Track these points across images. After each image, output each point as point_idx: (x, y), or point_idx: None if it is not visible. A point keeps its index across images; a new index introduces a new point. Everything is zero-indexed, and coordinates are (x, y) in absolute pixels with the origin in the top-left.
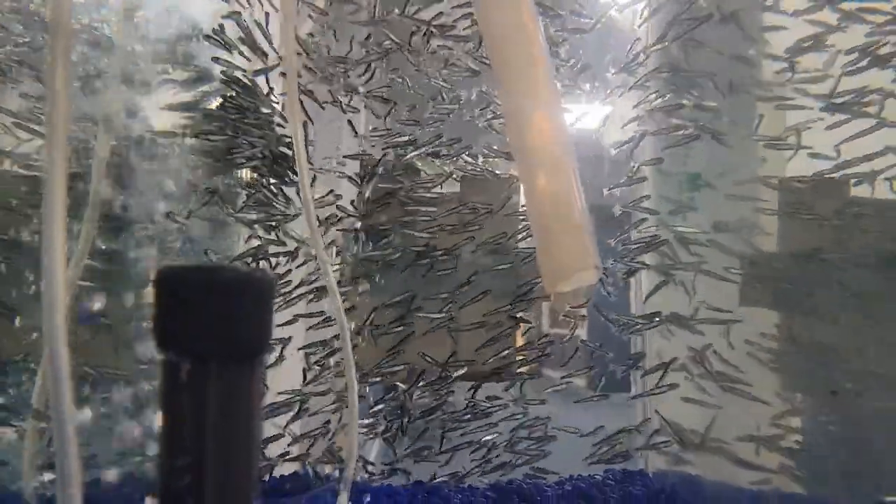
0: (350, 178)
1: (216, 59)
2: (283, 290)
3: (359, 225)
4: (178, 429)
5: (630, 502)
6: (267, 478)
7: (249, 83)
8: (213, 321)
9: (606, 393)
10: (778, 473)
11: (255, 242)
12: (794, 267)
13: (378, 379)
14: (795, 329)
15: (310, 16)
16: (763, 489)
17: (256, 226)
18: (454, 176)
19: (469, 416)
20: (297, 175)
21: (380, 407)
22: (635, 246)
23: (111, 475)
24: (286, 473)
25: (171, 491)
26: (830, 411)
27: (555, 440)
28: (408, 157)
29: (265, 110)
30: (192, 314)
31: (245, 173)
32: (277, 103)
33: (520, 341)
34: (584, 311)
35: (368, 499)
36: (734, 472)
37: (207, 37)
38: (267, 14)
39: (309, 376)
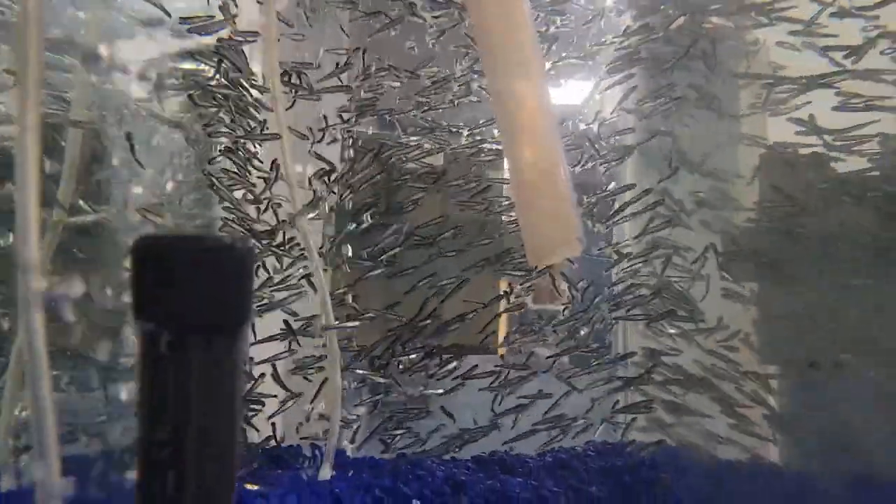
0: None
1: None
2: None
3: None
4: (157, 400)
5: (611, 473)
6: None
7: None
8: (193, 291)
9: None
10: (754, 443)
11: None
12: (773, 241)
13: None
14: (774, 302)
15: None
16: (740, 460)
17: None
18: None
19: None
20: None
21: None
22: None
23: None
24: (269, 446)
25: (151, 463)
26: (809, 383)
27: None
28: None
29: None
30: (172, 284)
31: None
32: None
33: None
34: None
35: (352, 472)
36: (713, 443)
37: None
38: None
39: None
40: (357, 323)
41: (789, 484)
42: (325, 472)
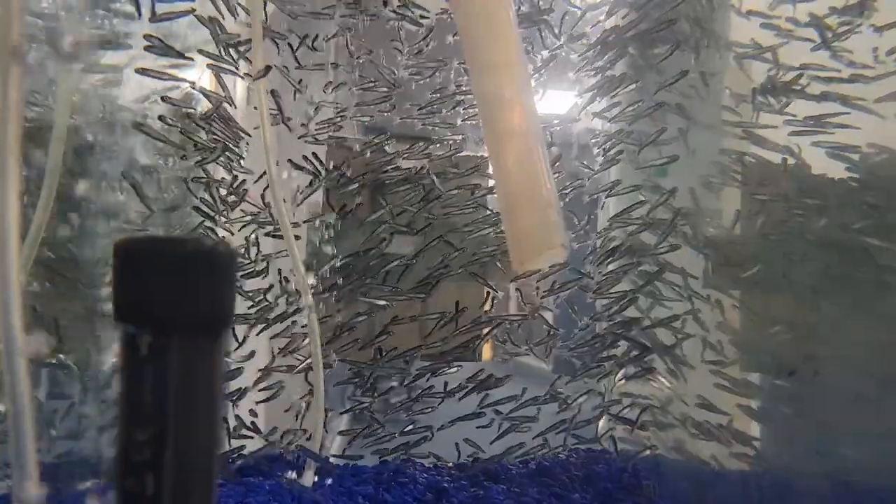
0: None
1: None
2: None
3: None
4: (137, 403)
5: (594, 480)
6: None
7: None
8: (174, 294)
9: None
10: (735, 450)
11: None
12: (755, 249)
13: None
14: (755, 309)
15: None
16: (721, 466)
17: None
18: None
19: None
20: None
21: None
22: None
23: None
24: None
25: (130, 467)
26: (789, 390)
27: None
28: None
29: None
30: (153, 286)
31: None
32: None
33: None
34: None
35: (329, 481)
36: (694, 450)
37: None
38: None
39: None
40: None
41: (773, 490)
42: (308, 479)
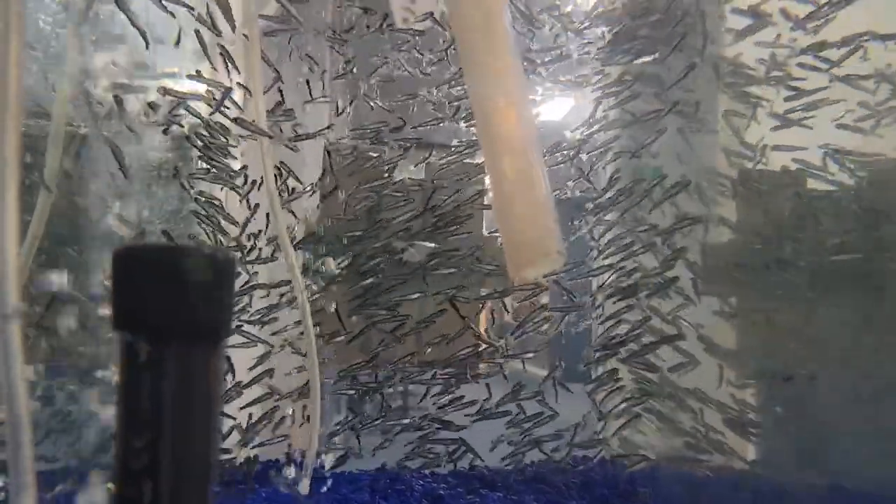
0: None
1: None
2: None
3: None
4: (136, 410)
5: (590, 487)
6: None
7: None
8: (171, 302)
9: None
10: (730, 456)
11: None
12: (750, 255)
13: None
14: (751, 315)
15: None
16: (716, 473)
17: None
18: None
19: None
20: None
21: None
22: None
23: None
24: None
25: (128, 473)
26: (784, 395)
27: None
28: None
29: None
30: (151, 294)
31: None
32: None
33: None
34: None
35: (327, 486)
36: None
37: None
38: None
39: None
40: None
41: (767, 495)
42: (304, 487)
